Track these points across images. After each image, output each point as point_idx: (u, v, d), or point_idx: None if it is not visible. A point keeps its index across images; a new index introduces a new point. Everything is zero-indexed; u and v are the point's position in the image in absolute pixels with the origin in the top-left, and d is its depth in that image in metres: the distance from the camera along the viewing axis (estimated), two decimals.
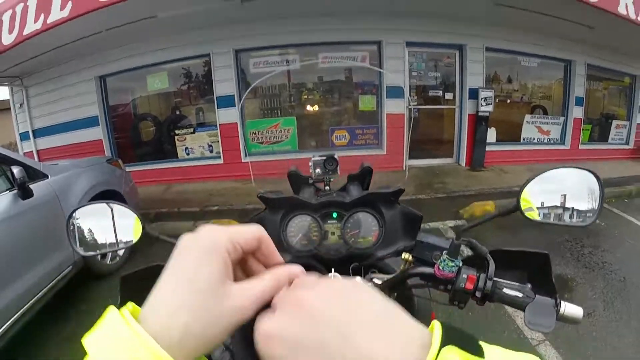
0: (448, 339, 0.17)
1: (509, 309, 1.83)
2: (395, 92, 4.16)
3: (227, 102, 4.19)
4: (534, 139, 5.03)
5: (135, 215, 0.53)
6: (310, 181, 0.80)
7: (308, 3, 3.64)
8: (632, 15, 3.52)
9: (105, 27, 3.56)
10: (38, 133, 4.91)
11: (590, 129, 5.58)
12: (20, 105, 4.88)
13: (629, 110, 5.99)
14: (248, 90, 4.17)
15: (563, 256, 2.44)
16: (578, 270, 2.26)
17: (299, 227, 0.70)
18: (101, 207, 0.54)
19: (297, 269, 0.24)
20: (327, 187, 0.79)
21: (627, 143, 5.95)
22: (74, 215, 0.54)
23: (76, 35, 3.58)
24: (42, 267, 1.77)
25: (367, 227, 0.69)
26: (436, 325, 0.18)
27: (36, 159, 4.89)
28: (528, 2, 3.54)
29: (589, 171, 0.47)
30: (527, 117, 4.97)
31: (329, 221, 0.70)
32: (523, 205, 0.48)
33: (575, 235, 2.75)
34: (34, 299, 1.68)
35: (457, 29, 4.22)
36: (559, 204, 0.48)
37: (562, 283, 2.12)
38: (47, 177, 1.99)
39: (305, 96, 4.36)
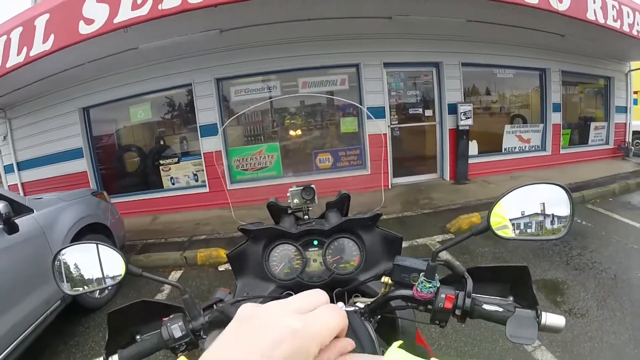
0: None
1: None
2: (376, 112, 4.23)
3: (210, 130, 4.21)
4: (515, 147, 5.14)
5: (118, 254, 0.54)
6: (289, 211, 0.82)
7: (285, 30, 3.72)
8: (601, 20, 3.65)
9: (87, 59, 3.60)
10: (22, 165, 4.86)
11: (569, 133, 5.73)
12: (4, 137, 4.83)
13: (606, 111, 6.18)
14: (228, 121, 4.20)
15: (552, 261, 2.46)
16: (568, 273, 2.28)
17: (281, 256, 0.72)
18: (89, 247, 0.55)
19: (348, 344, 0.24)
20: (306, 216, 0.80)
21: (607, 143, 6.13)
22: (60, 254, 0.55)
23: (59, 68, 3.60)
24: (30, 303, 1.74)
25: (348, 253, 0.71)
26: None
27: (21, 191, 4.83)
28: (498, 16, 3.64)
29: (558, 185, 0.48)
30: (507, 127, 5.08)
31: (310, 249, 0.72)
32: (494, 223, 0.48)
33: (563, 239, 2.76)
34: (22, 336, 1.64)
35: (432, 47, 4.34)
36: (529, 219, 0.48)
37: (554, 287, 2.13)
38: (33, 212, 1.98)
39: (288, 121, 4.41)
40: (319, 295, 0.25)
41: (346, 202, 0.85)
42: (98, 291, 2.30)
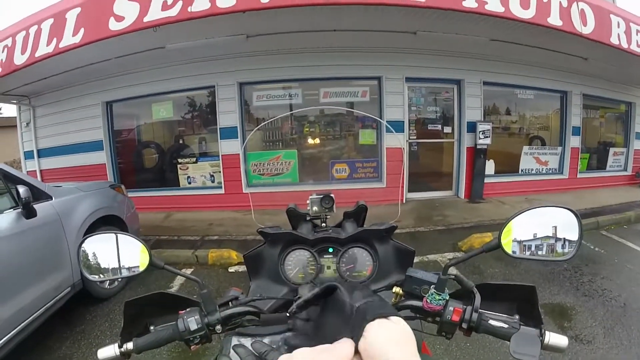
0: None
1: None
2: (395, 126, 4.23)
3: (230, 133, 4.27)
4: (532, 169, 5.08)
5: (142, 245, 0.55)
6: (308, 218, 0.84)
7: (310, 40, 3.76)
8: (625, 45, 3.62)
9: (114, 55, 3.69)
10: (42, 153, 4.98)
11: (588, 157, 5.64)
12: (27, 124, 4.98)
13: (625, 137, 6.08)
14: (253, 132, 4.25)
15: (562, 285, 2.44)
16: (577, 299, 2.26)
17: (296, 260, 0.73)
18: (110, 236, 0.57)
19: None
20: (323, 224, 0.82)
21: (625, 169, 6.01)
22: (87, 241, 0.57)
23: (86, 61, 3.70)
24: (41, 287, 1.78)
25: (361, 262, 0.73)
26: None
27: (39, 178, 4.94)
28: (522, 37, 3.64)
29: (569, 209, 0.49)
30: (525, 148, 5.03)
31: (325, 256, 0.73)
32: (505, 242, 0.50)
33: (574, 264, 2.76)
34: (31, 317, 1.68)
35: (455, 64, 4.34)
36: (540, 241, 0.49)
37: (562, 312, 2.11)
38: (51, 199, 2.02)
39: (307, 129, 4.44)
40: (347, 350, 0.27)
41: (363, 213, 0.87)
42: (109, 281, 2.34)
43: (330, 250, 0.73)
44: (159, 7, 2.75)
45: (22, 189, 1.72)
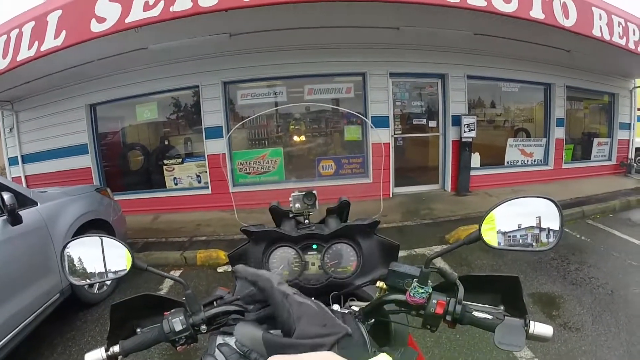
0: None
1: None
2: (380, 121, 4.25)
3: (215, 133, 4.24)
4: (517, 161, 5.15)
5: (125, 248, 0.55)
6: (291, 215, 0.83)
7: (293, 37, 3.75)
8: (607, 37, 3.66)
9: (97, 56, 3.64)
10: (27, 158, 4.90)
11: (572, 148, 5.74)
12: (10, 129, 4.88)
13: (609, 127, 6.19)
14: (234, 128, 4.23)
15: (549, 275, 2.47)
16: (565, 287, 2.29)
17: (280, 258, 0.74)
18: (93, 240, 0.57)
19: None
20: (306, 221, 0.82)
21: (609, 159, 6.13)
22: (68, 246, 0.56)
23: (68, 64, 3.64)
24: (30, 294, 1.76)
25: (345, 258, 0.73)
26: None
27: (24, 184, 4.86)
28: (505, 30, 3.67)
29: (549, 199, 0.49)
30: (510, 140, 5.10)
31: (309, 252, 0.73)
32: (486, 233, 0.50)
33: (561, 254, 2.80)
34: (21, 325, 1.66)
35: (438, 59, 4.37)
36: (524, 231, 0.49)
37: (550, 301, 2.14)
38: (37, 204, 1.99)
39: (293, 127, 4.44)
40: None
41: (346, 209, 0.87)
42: (97, 286, 2.33)
43: (314, 246, 0.74)
44: (140, 7, 2.72)
45: (6, 196, 1.69)
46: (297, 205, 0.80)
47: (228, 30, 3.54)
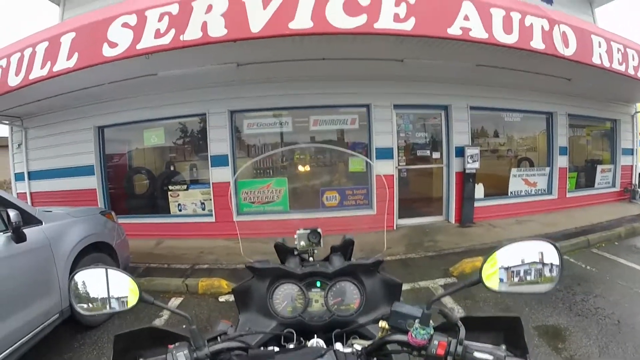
0: None
1: None
2: (384, 153, 4.29)
3: (221, 161, 4.29)
4: (521, 191, 5.15)
5: (132, 280, 0.56)
6: (296, 252, 0.85)
7: (299, 68, 3.83)
8: (607, 64, 3.69)
9: (107, 80, 3.72)
10: (33, 175, 4.95)
11: (576, 176, 5.73)
12: (19, 145, 4.96)
13: (612, 153, 6.20)
14: (242, 168, 4.28)
15: (555, 306, 2.42)
16: (571, 319, 2.25)
17: (284, 294, 0.74)
18: (99, 271, 0.57)
19: None
20: (311, 258, 0.83)
21: (613, 185, 6.11)
22: (77, 275, 0.57)
23: (79, 85, 3.71)
24: (30, 312, 1.75)
25: (349, 295, 0.73)
26: None
27: (29, 200, 4.89)
28: (507, 61, 3.72)
29: (548, 242, 0.50)
30: (514, 170, 5.11)
31: (313, 289, 0.74)
32: (486, 276, 0.50)
33: (567, 284, 2.76)
34: (18, 343, 1.65)
35: (441, 90, 4.44)
36: (527, 266, 0.50)
37: (556, 333, 2.10)
38: (41, 223, 2.00)
39: (297, 157, 4.48)
40: None
41: (350, 247, 0.88)
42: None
43: (318, 284, 0.74)
44: (152, 34, 2.76)
45: (12, 213, 1.71)
46: (302, 242, 0.81)
47: (236, 60, 3.62)
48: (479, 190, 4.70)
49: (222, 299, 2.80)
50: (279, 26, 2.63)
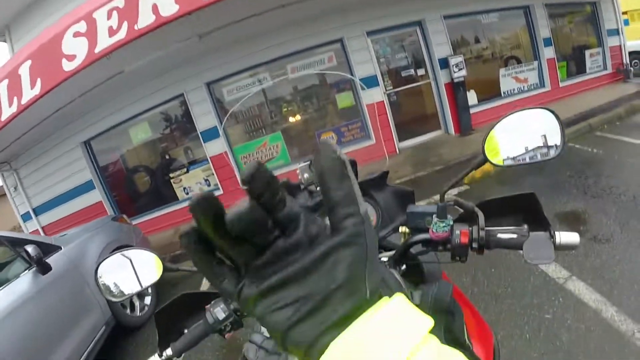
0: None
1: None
2: (370, 81, 4.21)
3: (211, 134, 4.25)
4: (513, 89, 5.07)
5: (153, 255, 0.57)
6: (302, 187, 0.85)
7: (262, 21, 3.70)
8: None
9: (77, 93, 3.64)
10: (39, 210, 4.98)
11: (566, 65, 5.60)
12: (15, 188, 4.95)
13: (598, 36, 6.02)
14: (225, 119, 4.22)
15: (570, 193, 2.44)
16: (587, 202, 2.26)
17: None
18: (120, 257, 0.59)
19: None
20: (318, 188, 0.84)
21: (605, 68, 5.98)
22: (99, 269, 0.59)
23: (52, 109, 3.65)
24: (78, 334, 1.81)
25: None
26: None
27: (43, 235, 4.96)
28: None
29: (545, 108, 0.49)
30: (502, 70, 5.01)
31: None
32: (489, 154, 0.50)
33: (577, 169, 2.78)
34: None
35: (411, 5, 4.27)
36: (532, 152, 0.50)
37: (575, 218, 2.12)
38: (61, 249, 2.06)
39: (285, 109, 4.42)
40: None
41: (353, 167, 0.87)
42: (138, 308, 2.38)
43: None
44: (105, 34, 2.72)
45: (30, 248, 1.75)
46: (306, 175, 0.78)
47: (196, 32, 3.51)
48: (472, 97, 4.64)
49: None
50: None
